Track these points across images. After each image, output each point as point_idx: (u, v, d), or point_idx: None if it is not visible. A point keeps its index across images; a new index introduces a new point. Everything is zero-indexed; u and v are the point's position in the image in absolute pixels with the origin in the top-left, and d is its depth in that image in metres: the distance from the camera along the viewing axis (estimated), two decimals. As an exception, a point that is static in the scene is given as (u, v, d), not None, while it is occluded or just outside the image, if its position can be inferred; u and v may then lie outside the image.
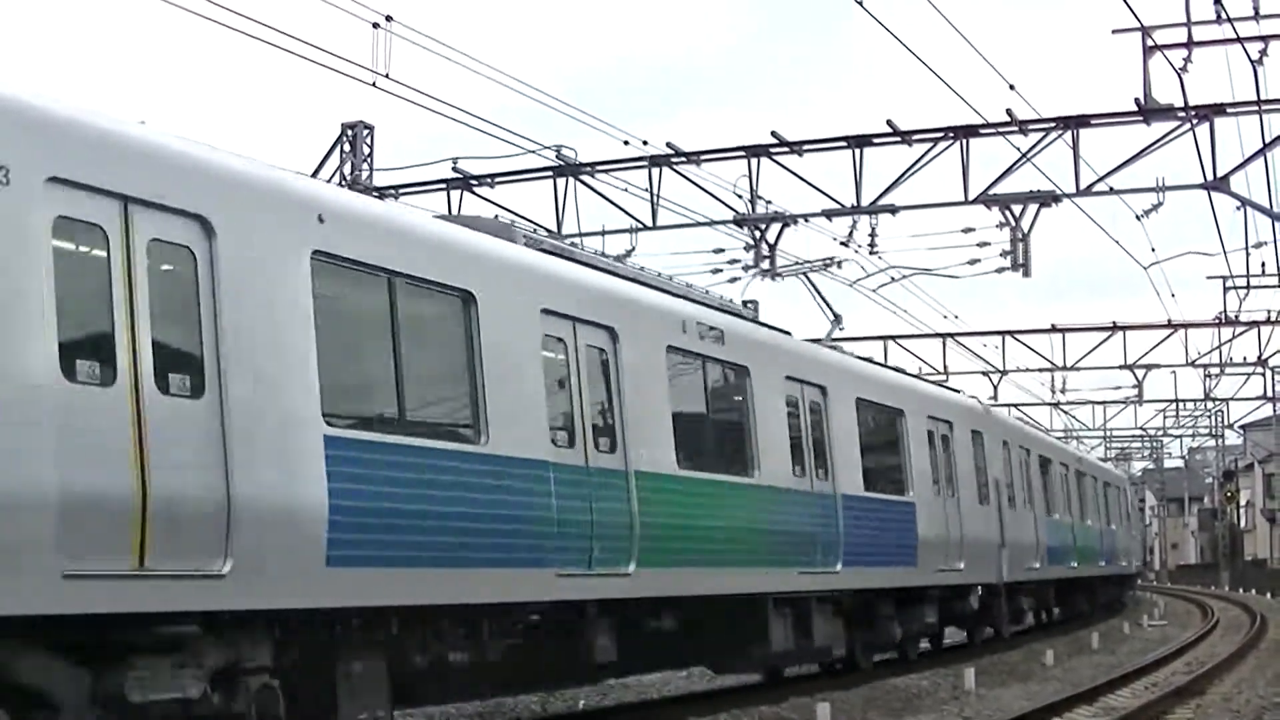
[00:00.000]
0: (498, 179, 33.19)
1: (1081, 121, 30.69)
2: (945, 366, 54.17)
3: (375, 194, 33.51)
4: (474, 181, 33.23)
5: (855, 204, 31.94)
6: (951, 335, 53.99)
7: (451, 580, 14.36)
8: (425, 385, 14.87)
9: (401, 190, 34.05)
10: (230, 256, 12.07)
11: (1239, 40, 29.13)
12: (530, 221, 33.08)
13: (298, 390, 12.59)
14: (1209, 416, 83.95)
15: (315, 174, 32.71)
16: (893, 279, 37.21)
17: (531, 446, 15.71)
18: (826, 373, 23.81)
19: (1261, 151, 30.70)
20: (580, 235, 32.78)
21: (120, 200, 11.29)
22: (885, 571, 25.14)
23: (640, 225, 32.84)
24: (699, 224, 33.53)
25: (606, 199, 33.01)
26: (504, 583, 15.19)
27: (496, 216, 22.93)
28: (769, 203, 32.87)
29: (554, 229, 32.76)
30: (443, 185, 33.41)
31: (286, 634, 12.75)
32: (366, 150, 34.34)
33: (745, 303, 40.83)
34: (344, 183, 33.76)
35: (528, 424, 15.77)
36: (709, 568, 19.24)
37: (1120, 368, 55.77)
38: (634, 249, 32.77)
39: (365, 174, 34.46)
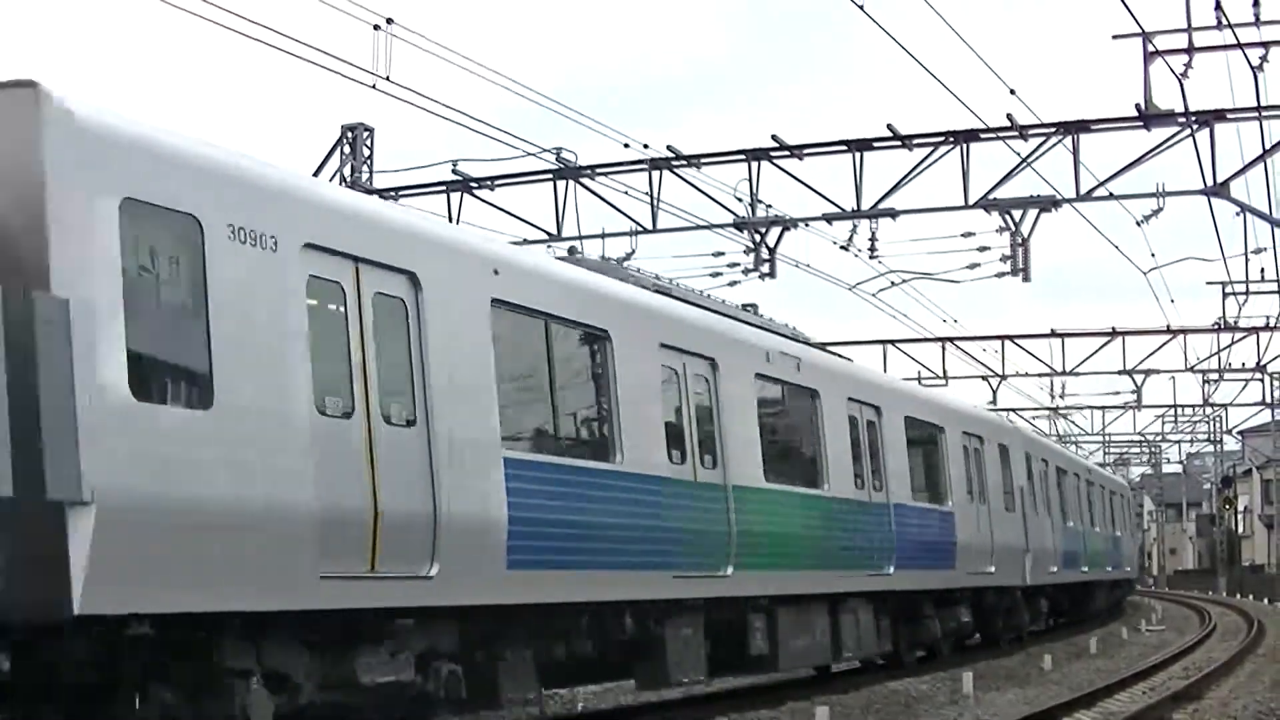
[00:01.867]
0: (498, 181, 33.12)
1: (1082, 126, 30.68)
2: (945, 370, 54.29)
3: (377, 195, 33.56)
4: (474, 184, 33.18)
5: (855, 208, 31.87)
6: (951, 340, 54.01)
7: None
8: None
9: (401, 192, 34.05)
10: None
11: (1239, 46, 29.16)
12: (531, 225, 33.30)
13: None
14: (1208, 422, 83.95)
15: (316, 175, 32.80)
16: (892, 283, 37.35)
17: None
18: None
19: (1261, 157, 30.70)
20: (580, 238, 32.81)
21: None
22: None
23: (640, 228, 32.77)
24: (699, 227, 33.54)
25: (607, 202, 32.98)
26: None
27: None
28: (769, 206, 32.84)
29: (554, 232, 32.82)
30: (443, 187, 33.43)
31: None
32: (367, 152, 34.35)
33: (744, 306, 40.96)
34: (344, 182, 33.78)
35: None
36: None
37: (1119, 373, 55.80)
38: (634, 251, 32.83)
39: (365, 176, 34.47)
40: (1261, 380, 62.65)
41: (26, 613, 10.64)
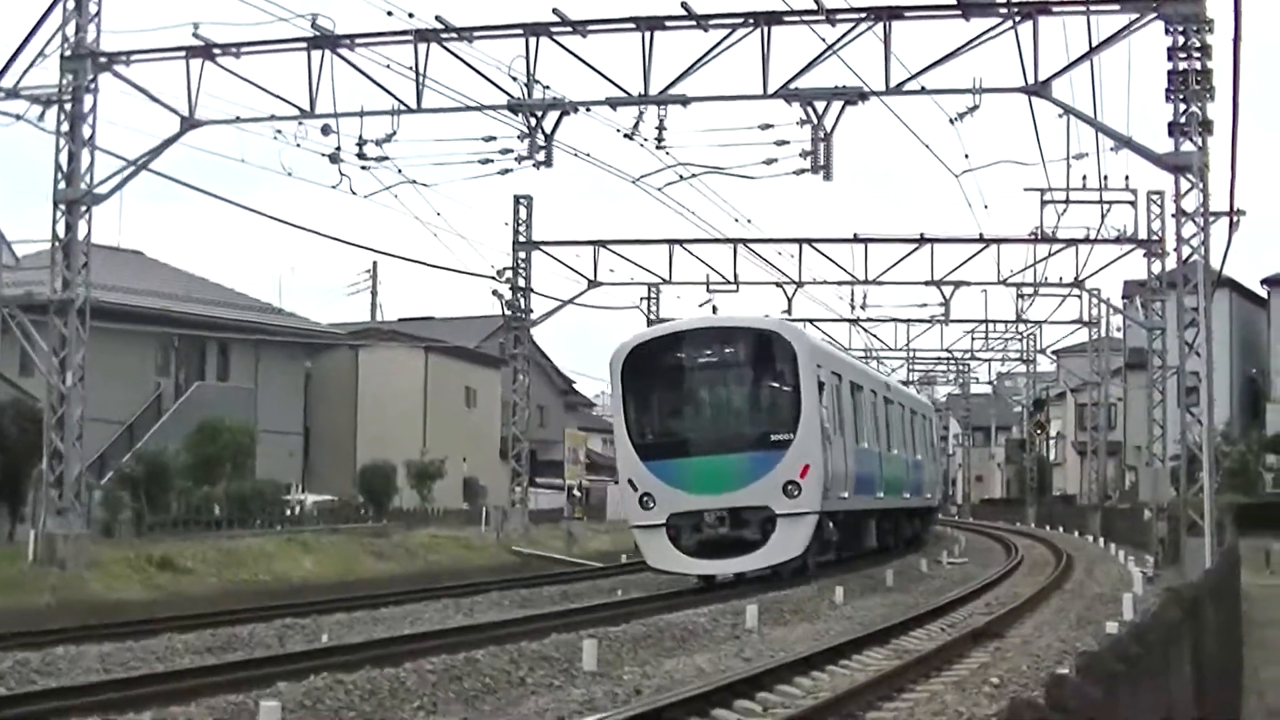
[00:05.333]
0: (244, 49, 32.82)
1: (894, 13, 31.08)
2: (736, 275, 54.14)
3: (104, 59, 32.54)
4: (217, 50, 32.73)
5: (643, 93, 32.16)
6: (744, 241, 54.09)
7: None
8: None
9: (134, 57, 33.09)
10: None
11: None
12: (281, 99, 32.61)
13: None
14: (1020, 340, 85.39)
15: (31, 35, 31.89)
16: (681, 177, 37.02)
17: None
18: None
19: (1087, 55, 31.15)
20: (335, 116, 32.39)
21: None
22: None
23: (404, 107, 32.73)
24: (469, 108, 33.58)
25: (367, 76, 32.87)
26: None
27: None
28: (547, 88, 32.99)
29: (306, 108, 32.25)
30: (182, 53, 32.66)
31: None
32: (94, 9, 33.20)
33: (518, 198, 40.54)
34: (66, 44, 32.65)
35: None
36: None
37: (927, 284, 56.20)
38: (395, 133, 32.56)
39: (91, 37, 33.28)
40: (1079, 296, 63.67)
41: None
